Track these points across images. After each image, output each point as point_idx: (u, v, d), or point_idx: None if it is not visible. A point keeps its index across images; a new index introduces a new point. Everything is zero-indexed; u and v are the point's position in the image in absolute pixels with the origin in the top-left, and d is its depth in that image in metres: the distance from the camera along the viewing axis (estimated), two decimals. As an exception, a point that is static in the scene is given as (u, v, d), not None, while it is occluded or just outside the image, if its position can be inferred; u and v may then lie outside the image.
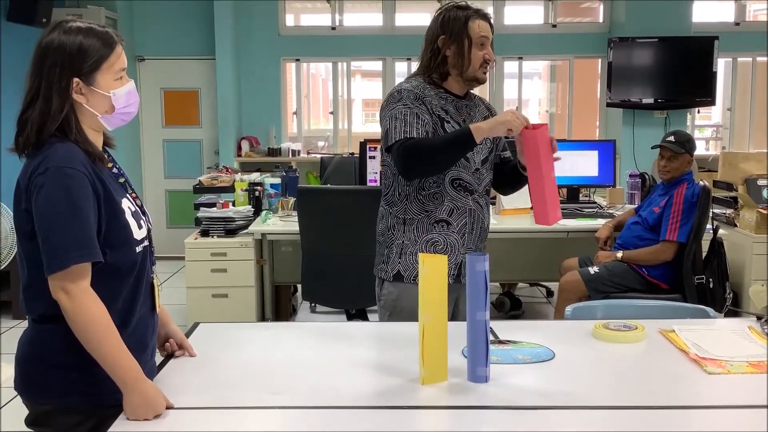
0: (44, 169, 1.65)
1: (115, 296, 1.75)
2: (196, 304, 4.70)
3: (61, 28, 1.74)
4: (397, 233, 2.57)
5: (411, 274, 2.54)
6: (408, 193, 2.55)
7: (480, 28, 2.53)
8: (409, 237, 2.55)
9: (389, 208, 2.60)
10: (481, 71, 2.56)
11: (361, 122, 10.44)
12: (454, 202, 2.55)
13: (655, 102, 7.25)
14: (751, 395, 1.80)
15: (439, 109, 2.52)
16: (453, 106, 2.57)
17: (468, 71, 2.54)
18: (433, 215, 2.54)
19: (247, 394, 1.83)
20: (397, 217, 2.57)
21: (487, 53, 2.55)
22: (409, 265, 2.55)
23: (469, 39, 2.52)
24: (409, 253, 2.55)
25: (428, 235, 2.54)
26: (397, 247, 2.57)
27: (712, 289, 4.09)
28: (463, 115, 2.58)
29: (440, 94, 2.56)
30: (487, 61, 2.55)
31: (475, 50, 2.53)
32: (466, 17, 2.53)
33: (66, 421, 1.74)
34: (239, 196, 5.09)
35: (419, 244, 2.54)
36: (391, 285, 2.58)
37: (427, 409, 1.78)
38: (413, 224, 2.55)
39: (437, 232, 2.55)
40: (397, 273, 2.57)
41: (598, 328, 2.25)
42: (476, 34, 2.52)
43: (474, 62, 2.53)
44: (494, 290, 6.12)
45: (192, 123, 7.88)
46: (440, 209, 2.54)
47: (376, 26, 7.93)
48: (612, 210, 5.02)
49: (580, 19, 8.44)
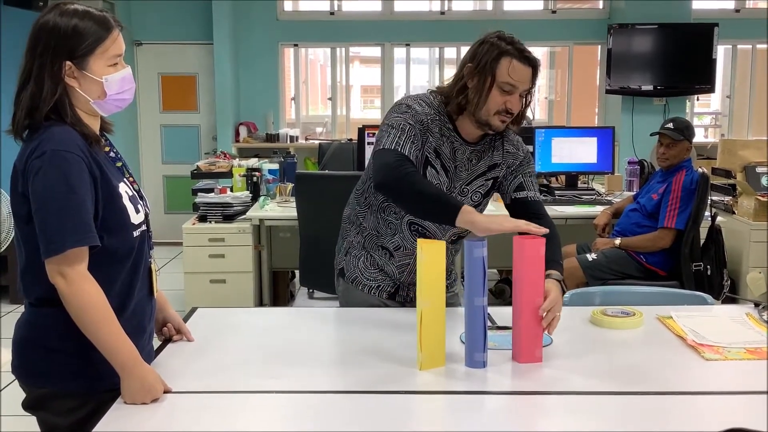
0: (41, 153, 1.64)
1: (112, 280, 1.75)
2: (193, 290, 4.71)
3: (59, 9, 1.72)
4: (351, 230, 2.43)
5: (351, 276, 2.42)
6: (372, 204, 2.35)
7: (512, 71, 2.13)
8: (358, 241, 2.40)
9: (355, 203, 2.43)
10: (497, 119, 2.18)
11: (360, 108, 10.42)
12: (404, 242, 2.33)
13: (655, 89, 7.23)
14: (749, 381, 1.81)
15: (432, 149, 2.23)
16: (450, 148, 2.27)
17: (481, 113, 2.18)
18: (381, 240, 2.36)
19: (245, 378, 1.83)
20: (357, 216, 2.41)
21: (510, 101, 2.16)
22: (351, 266, 2.42)
23: (492, 77, 2.14)
24: (353, 256, 2.41)
25: (372, 252, 2.38)
26: (347, 243, 2.44)
27: (709, 276, 4.10)
28: (457, 161, 2.27)
29: (446, 131, 2.25)
30: (508, 111, 2.18)
31: (495, 92, 2.15)
32: (501, 52, 2.14)
33: (63, 404, 1.74)
34: (237, 182, 5.09)
35: (363, 252, 2.40)
36: (338, 278, 2.48)
37: (424, 394, 1.78)
38: (365, 233, 2.39)
39: (378, 255, 2.37)
40: (341, 269, 2.45)
41: (596, 315, 2.25)
42: (504, 75, 2.13)
43: (490, 105, 2.16)
44: (492, 277, 6.13)
45: (190, 108, 7.86)
46: (389, 239, 2.34)
47: (374, 12, 7.89)
48: (610, 197, 5.02)
49: (579, 6, 8.41)
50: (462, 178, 2.31)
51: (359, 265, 2.41)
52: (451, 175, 2.29)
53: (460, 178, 2.31)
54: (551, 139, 5.17)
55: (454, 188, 2.31)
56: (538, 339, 1.94)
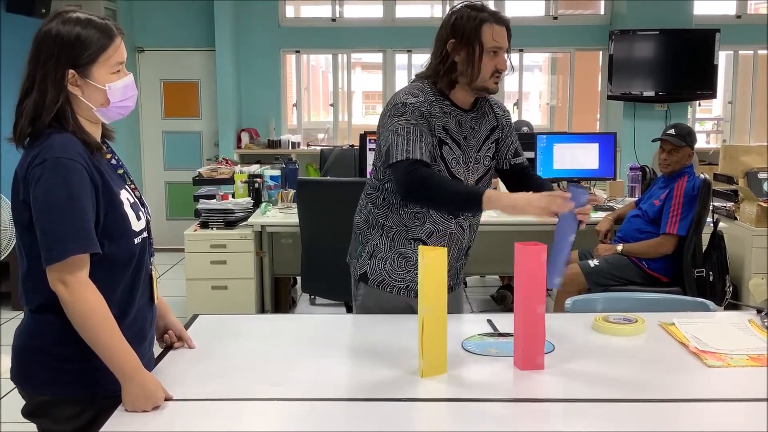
0: (42, 160, 1.64)
1: (113, 287, 1.75)
2: (195, 296, 4.71)
3: (61, 17, 1.73)
4: (374, 234, 2.43)
5: (376, 279, 2.42)
6: (392, 202, 2.39)
7: (494, 35, 2.28)
8: (384, 243, 2.41)
9: (371, 207, 2.44)
10: (492, 81, 2.32)
11: (362, 114, 10.43)
12: (436, 225, 2.38)
13: (656, 95, 7.24)
14: (751, 388, 1.80)
15: (441, 128, 2.32)
16: (455, 122, 2.35)
17: (477, 81, 2.30)
18: (412, 232, 2.38)
19: (246, 385, 1.83)
20: (377, 219, 2.42)
21: (499, 62, 2.30)
22: (376, 269, 2.42)
23: (480, 46, 2.27)
24: (380, 258, 2.42)
25: (402, 249, 2.40)
26: (370, 247, 2.44)
27: (712, 282, 4.09)
28: (465, 132, 2.37)
29: (445, 107, 2.34)
30: (499, 71, 2.32)
31: (486, 59, 2.28)
32: (480, 21, 2.27)
33: (63, 412, 1.74)
34: (239, 188, 5.09)
35: (392, 253, 2.41)
36: (358, 283, 2.49)
37: (425, 402, 1.77)
38: (390, 233, 2.40)
39: (411, 249, 2.38)
40: (363, 273, 2.45)
41: (598, 321, 2.25)
42: (489, 41, 2.27)
43: (484, 72, 2.29)
44: (494, 284, 6.12)
45: (192, 115, 7.87)
46: (420, 229, 2.38)
47: (376, 18, 7.90)
48: (612, 203, 5.01)
49: (581, 12, 8.42)
50: (472, 146, 2.41)
51: (386, 268, 2.41)
52: (464, 147, 2.38)
53: (470, 146, 2.40)
54: (553, 145, 5.16)
55: (470, 158, 2.40)
56: (539, 346, 1.93)
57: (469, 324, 2.33)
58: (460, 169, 2.37)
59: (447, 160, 2.34)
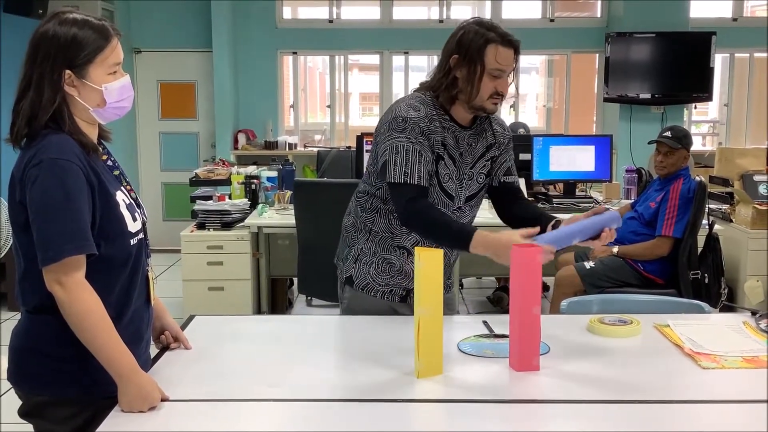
0: (38, 161, 1.65)
1: (110, 288, 1.75)
2: (192, 297, 4.70)
3: (58, 18, 1.73)
4: (360, 238, 2.42)
5: (360, 283, 2.40)
6: (380, 208, 2.37)
7: (498, 56, 2.21)
8: (369, 247, 2.39)
9: (359, 210, 2.43)
10: (490, 102, 2.26)
11: (358, 116, 10.42)
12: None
13: (652, 97, 7.25)
14: (746, 390, 1.81)
15: (440, 144, 2.29)
16: (453, 137, 2.32)
17: (475, 101, 2.25)
18: (397, 240, 2.36)
19: (243, 386, 1.83)
20: (364, 223, 2.40)
21: (499, 84, 2.24)
22: (360, 273, 2.40)
23: (482, 66, 2.21)
24: (364, 263, 2.40)
25: (387, 255, 2.38)
26: (355, 251, 2.42)
27: (707, 284, 4.10)
28: (461, 148, 2.34)
29: (444, 122, 2.31)
30: (499, 93, 2.25)
31: (486, 80, 2.22)
32: (486, 40, 2.21)
33: (60, 412, 1.74)
34: (236, 189, 5.09)
35: (376, 258, 2.39)
36: (344, 286, 2.47)
37: (422, 403, 1.78)
38: (376, 238, 2.38)
39: (396, 256, 2.37)
40: (349, 276, 2.43)
41: (593, 323, 2.25)
42: (492, 62, 2.21)
43: (483, 92, 2.24)
44: (490, 285, 6.13)
45: (189, 116, 7.86)
46: (405, 237, 2.35)
47: (373, 19, 7.91)
48: (608, 205, 5.02)
49: (577, 14, 8.43)
50: (467, 163, 2.38)
51: (371, 272, 2.40)
52: (458, 163, 2.35)
53: (466, 163, 2.37)
54: (549, 147, 5.17)
55: (463, 174, 2.37)
56: (535, 347, 1.94)
57: (465, 325, 2.34)
58: (453, 185, 2.34)
59: (440, 175, 2.31)
